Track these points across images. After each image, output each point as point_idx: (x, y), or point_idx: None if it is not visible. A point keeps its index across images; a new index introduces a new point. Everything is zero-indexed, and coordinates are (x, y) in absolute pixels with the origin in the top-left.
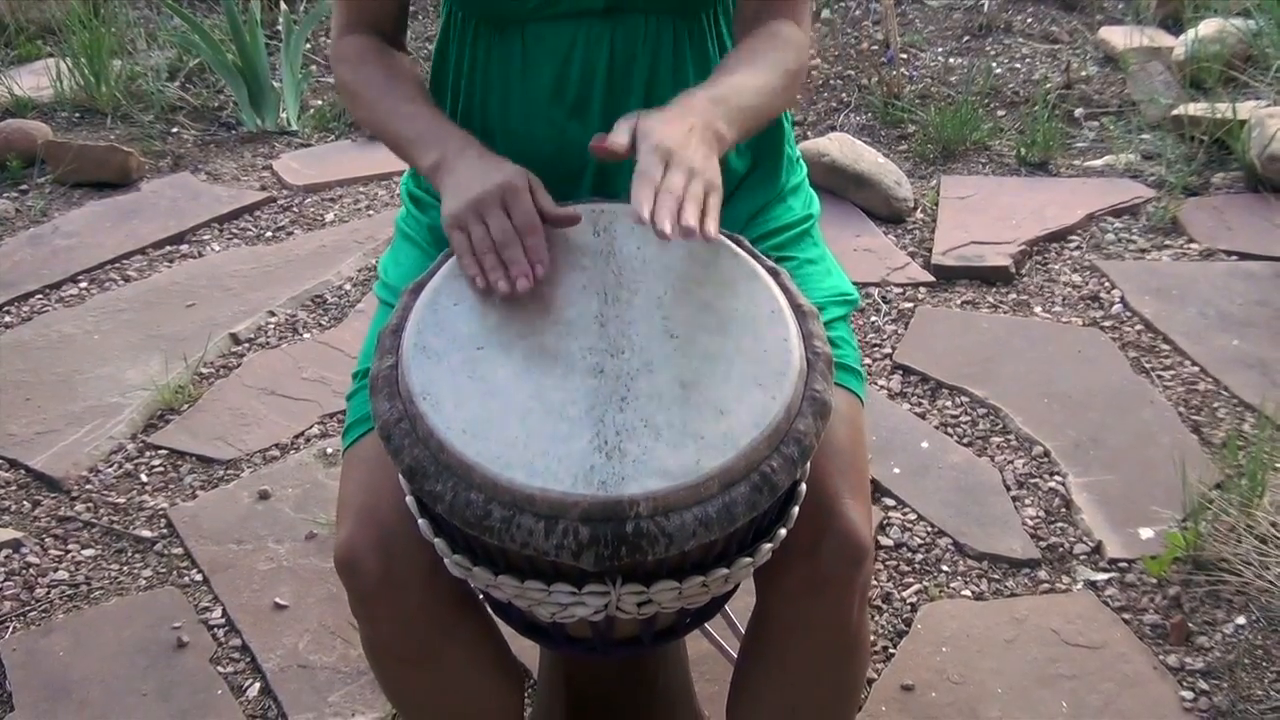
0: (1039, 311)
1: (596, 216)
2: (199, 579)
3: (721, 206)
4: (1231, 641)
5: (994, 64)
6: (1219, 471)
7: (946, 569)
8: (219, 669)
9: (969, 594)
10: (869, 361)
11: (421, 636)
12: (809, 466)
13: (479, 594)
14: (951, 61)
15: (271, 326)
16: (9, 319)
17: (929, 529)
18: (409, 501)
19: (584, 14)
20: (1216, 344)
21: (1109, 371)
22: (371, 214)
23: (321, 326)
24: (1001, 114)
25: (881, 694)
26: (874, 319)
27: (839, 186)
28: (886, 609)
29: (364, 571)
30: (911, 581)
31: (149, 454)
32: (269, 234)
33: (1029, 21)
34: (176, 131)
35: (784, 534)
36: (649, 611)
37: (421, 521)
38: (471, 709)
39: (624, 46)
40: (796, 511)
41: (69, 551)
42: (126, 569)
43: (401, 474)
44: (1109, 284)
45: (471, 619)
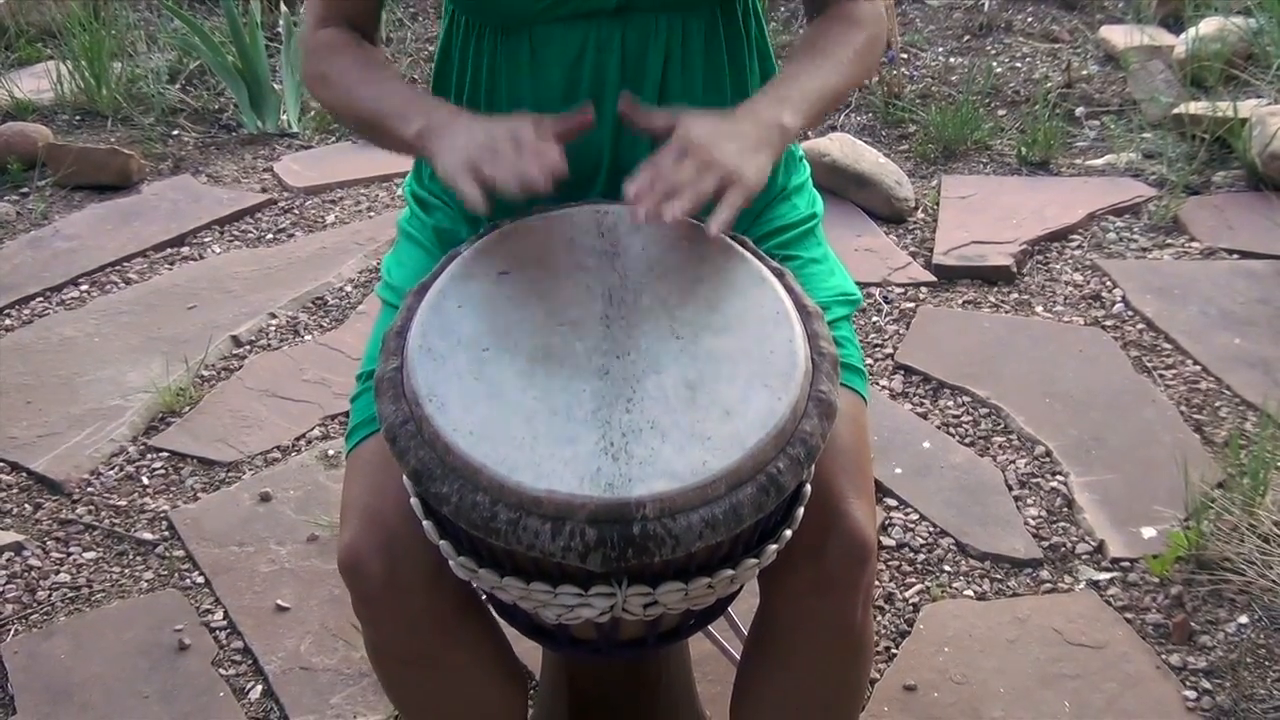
0: (1040, 311)
1: (602, 217)
2: (200, 581)
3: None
4: (1234, 641)
5: (995, 63)
6: (1221, 470)
7: (949, 569)
8: (221, 671)
9: (971, 594)
10: (870, 362)
11: (425, 639)
12: (814, 467)
13: (483, 596)
14: (952, 61)
15: (272, 328)
16: (10, 322)
17: (931, 529)
18: (414, 503)
19: (594, 14)
20: (1218, 343)
21: (1111, 371)
22: (372, 215)
23: (323, 328)
24: (1002, 113)
25: (884, 694)
26: (875, 319)
27: (840, 186)
28: (889, 609)
29: (368, 574)
30: (914, 582)
31: (150, 456)
32: (270, 236)
33: (1029, 21)
34: (177, 134)
35: (789, 535)
36: (655, 613)
37: (426, 524)
38: (474, 711)
39: (636, 46)
40: (802, 512)
41: (70, 554)
42: (128, 571)
43: (407, 476)
44: (1110, 283)
45: (474, 621)
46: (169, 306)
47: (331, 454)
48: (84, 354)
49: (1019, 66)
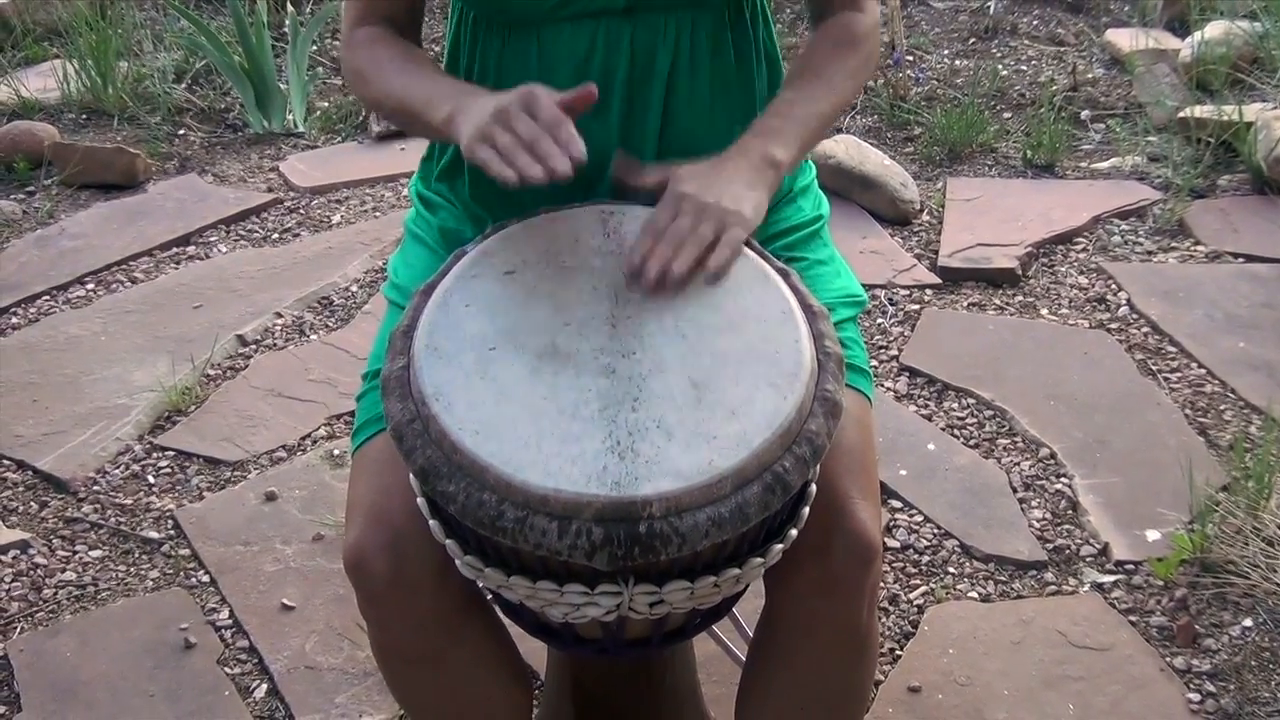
0: (1045, 313)
1: (608, 217)
2: (206, 580)
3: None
4: (1238, 644)
5: (1000, 66)
6: (1226, 474)
7: (953, 571)
8: (226, 670)
9: (975, 596)
10: (875, 364)
11: (430, 638)
12: (820, 467)
13: (488, 595)
14: (958, 64)
15: (278, 328)
16: (16, 320)
17: (935, 531)
18: (420, 503)
19: (602, 13)
20: (1223, 346)
21: (1115, 373)
22: (378, 215)
23: (328, 328)
24: (1007, 116)
25: (888, 695)
26: (880, 321)
27: (845, 188)
28: (893, 610)
29: (373, 573)
30: (918, 583)
31: (156, 455)
32: (276, 235)
33: (1035, 24)
34: (183, 133)
35: (795, 534)
36: (661, 611)
37: (433, 523)
38: (479, 710)
39: (644, 45)
40: (807, 512)
41: (76, 552)
42: (133, 570)
43: (414, 475)
44: (1115, 286)
45: (480, 620)
46: (175, 306)
47: (337, 453)
48: (90, 353)
49: (1024, 69)
